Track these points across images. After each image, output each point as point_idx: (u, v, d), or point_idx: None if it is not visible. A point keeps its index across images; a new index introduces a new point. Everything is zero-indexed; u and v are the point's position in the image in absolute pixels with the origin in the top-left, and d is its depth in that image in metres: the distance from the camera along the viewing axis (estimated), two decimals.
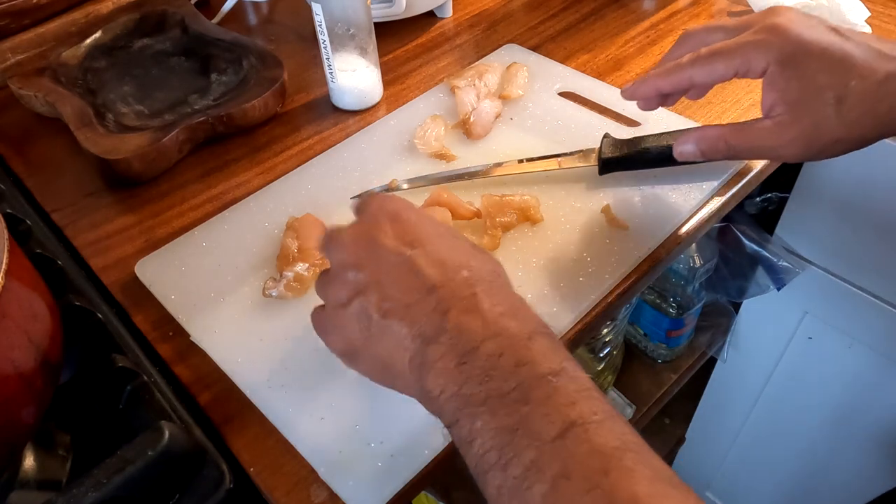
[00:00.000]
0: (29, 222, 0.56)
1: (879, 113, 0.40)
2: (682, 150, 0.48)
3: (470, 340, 0.31)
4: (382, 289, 0.34)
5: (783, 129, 0.42)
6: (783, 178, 0.78)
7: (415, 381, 0.33)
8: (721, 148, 0.46)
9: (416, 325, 0.33)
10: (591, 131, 0.60)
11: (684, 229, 0.53)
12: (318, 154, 0.61)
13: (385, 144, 0.61)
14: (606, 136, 0.56)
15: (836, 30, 0.42)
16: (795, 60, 0.40)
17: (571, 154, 0.57)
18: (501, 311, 0.32)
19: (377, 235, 0.35)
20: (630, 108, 0.63)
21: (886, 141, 0.67)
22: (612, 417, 0.29)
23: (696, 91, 0.49)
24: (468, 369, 0.30)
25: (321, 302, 0.38)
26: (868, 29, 0.69)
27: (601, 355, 0.91)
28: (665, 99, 0.50)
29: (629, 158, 0.54)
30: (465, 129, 0.61)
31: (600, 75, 0.68)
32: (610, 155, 0.55)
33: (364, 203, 0.39)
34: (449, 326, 0.32)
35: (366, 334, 0.35)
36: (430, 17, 0.79)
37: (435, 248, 0.35)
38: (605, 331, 0.88)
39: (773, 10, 0.43)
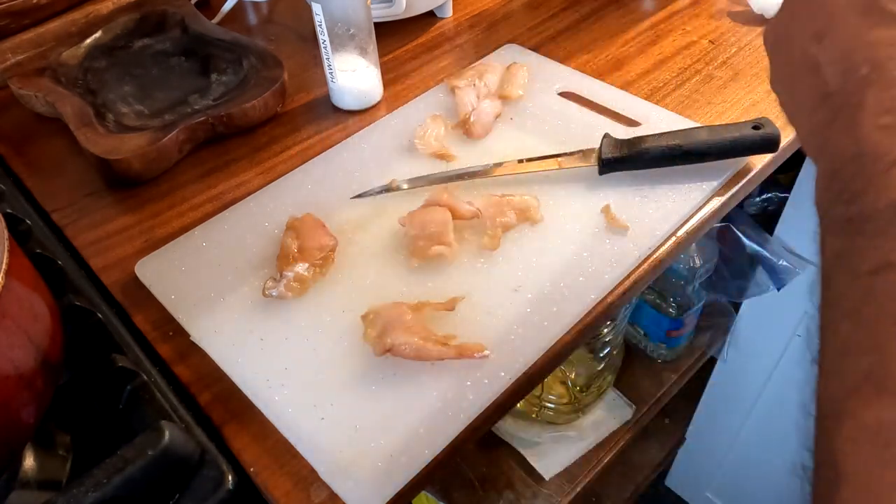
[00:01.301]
0: (29, 222, 0.56)
1: None
2: None
3: (840, 158, 0.29)
4: (784, 85, 0.34)
5: None
6: (783, 179, 0.78)
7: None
8: None
9: (804, 132, 0.32)
10: (591, 131, 0.60)
11: (684, 229, 0.53)
12: (319, 154, 0.61)
13: (385, 144, 0.61)
14: (606, 136, 0.56)
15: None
16: None
17: (571, 154, 0.57)
18: (886, 123, 0.28)
19: (791, 21, 0.34)
20: (630, 108, 0.63)
21: None
22: None
23: None
24: (830, 191, 0.30)
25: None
26: None
27: (601, 355, 0.91)
28: None
29: (629, 158, 0.54)
30: (465, 129, 0.61)
31: (600, 75, 0.68)
32: (610, 155, 0.55)
33: None
34: (828, 143, 0.30)
35: (789, 114, 0.35)
36: (430, 17, 0.79)
37: (845, 36, 0.31)
38: (605, 331, 0.88)
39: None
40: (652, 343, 1.02)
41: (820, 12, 0.32)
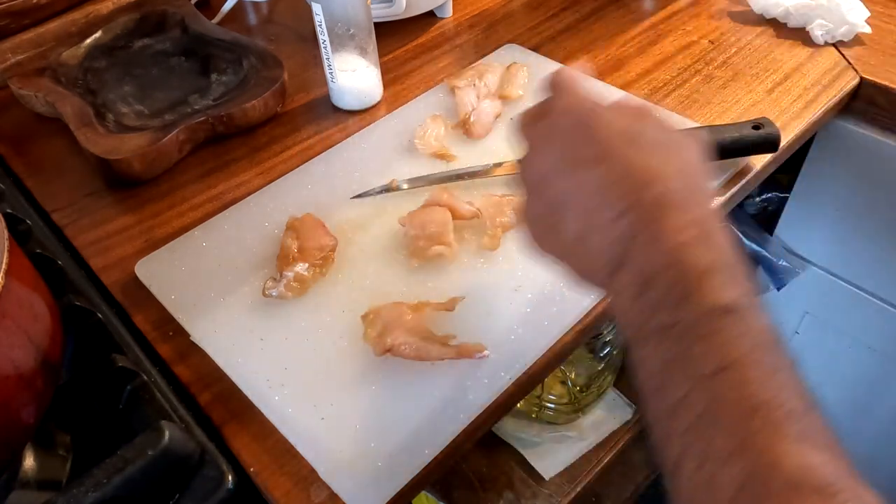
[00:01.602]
0: (29, 222, 0.56)
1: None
2: None
3: (650, 269, 0.31)
4: (571, 211, 0.34)
5: None
6: (783, 179, 0.78)
7: (606, 295, 0.34)
8: None
9: (605, 250, 0.32)
10: None
11: None
12: (318, 154, 0.61)
13: (385, 144, 0.61)
14: None
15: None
16: None
17: None
18: (684, 241, 0.31)
19: (566, 149, 0.34)
20: None
21: (886, 140, 0.67)
22: (773, 369, 0.28)
23: None
24: (644, 300, 0.30)
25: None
26: (868, 29, 0.69)
27: (601, 355, 0.91)
28: None
29: None
30: (465, 129, 0.61)
31: (600, 75, 0.68)
32: None
33: (554, 95, 0.38)
34: (634, 254, 0.31)
35: (561, 248, 0.35)
36: (430, 17, 0.79)
37: (624, 159, 0.33)
38: (605, 331, 0.88)
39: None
40: None
41: (593, 141, 0.34)
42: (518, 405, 0.92)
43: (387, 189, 0.56)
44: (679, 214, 0.31)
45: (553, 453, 0.94)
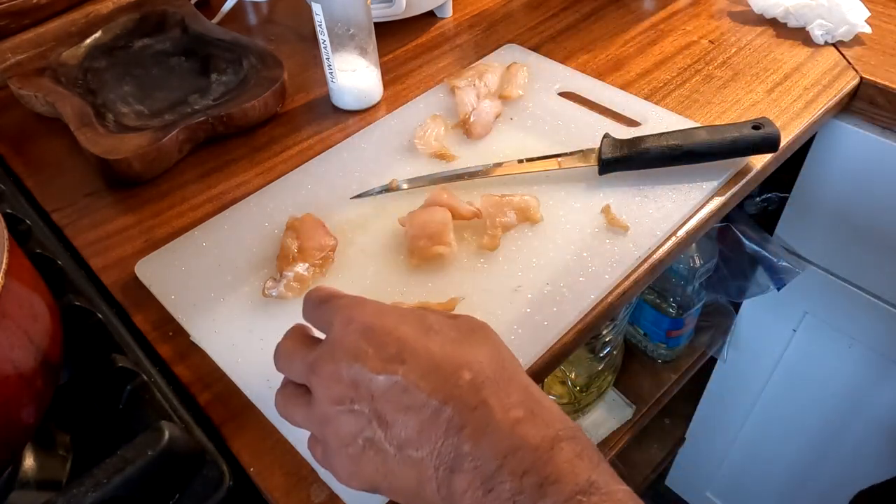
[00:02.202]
0: (29, 222, 0.56)
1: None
2: None
3: (491, 461, 0.29)
4: (387, 418, 0.31)
5: None
6: (783, 178, 0.78)
7: None
8: None
9: (434, 452, 0.30)
10: (591, 131, 0.60)
11: (684, 229, 0.53)
12: (318, 154, 0.61)
13: (385, 144, 0.61)
14: (606, 136, 0.56)
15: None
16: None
17: (571, 154, 0.57)
18: (517, 418, 0.29)
19: (359, 360, 0.32)
20: (630, 108, 0.63)
21: (886, 140, 0.68)
22: None
23: None
24: (495, 496, 0.28)
25: (306, 320, 0.37)
26: (868, 29, 0.69)
27: (601, 355, 0.91)
28: None
29: (629, 158, 0.55)
30: (465, 129, 0.61)
31: (600, 75, 0.68)
32: (610, 155, 0.55)
33: (321, 317, 0.35)
34: (467, 449, 0.29)
35: (384, 469, 0.32)
36: (430, 17, 0.79)
37: (425, 353, 0.31)
38: (605, 331, 0.88)
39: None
40: (652, 343, 1.02)
41: (390, 340, 0.32)
42: None
43: (387, 189, 0.56)
44: (501, 395, 0.30)
45: None
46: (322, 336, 0.35)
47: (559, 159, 0.57)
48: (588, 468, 0.29)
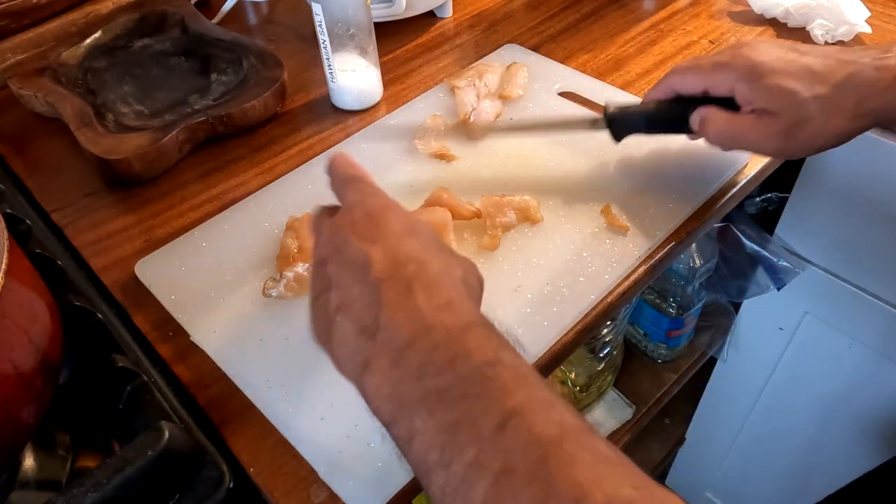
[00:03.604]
0: (29, 222, 0.56)
1: (845, 109, 0.46)
2: (693, 117, 0.51)
3: (402, 336, 0.31)
4: (340, 284, 0.34)
5: (765, 125, 0.47)
6: (783, 178, 0.78)
7: (356, 378, 0.33)
8: (712, 130, 0.50)
9: (357, 320, 0.32)
10: (592, 131, 0.60)
11: (685, 229, 0.53)
12: (318, 154, 0.61)
13: (385, 144, 0.61)
14: (607, 104, 0.55)
15: (796, 48, 0.48)
16: (759, 75, 0.46)
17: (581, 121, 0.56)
18: (437, 304, 0.32)
19: (347, 231, 0.35)
20: None
21: (886, 140, 0.67)
22: (549, 403, 0.28)
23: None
24: (403, 367, 0.30)
25: (329, 186, 0.40)
26: (868, 29, 0.69)
27: (601, 355, 0.91)
28: None
29: (638, 113, 0.54)
30: (466, 129, 0.61)
31: (600, 75, 0.68)
32: (616, 110, 0.54)
33: (344, 191, 0.38)
34: (384, 321, 0.31)
35: (329, 331, 0.34)
36: (430, 17, 0.79)
37: (395, 242, 0.34)
38: (605, 331, 0.88)
39: (742, 41, 0.48)
40: (652, 343, 1.02)
41: (379, 226, 0.35)
42: None
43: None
44: (432, 289, 0.32)
45: None
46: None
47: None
48: (496, 347, 0.31)
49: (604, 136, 0.60)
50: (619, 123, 0.54)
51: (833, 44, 0.70)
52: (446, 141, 0.61)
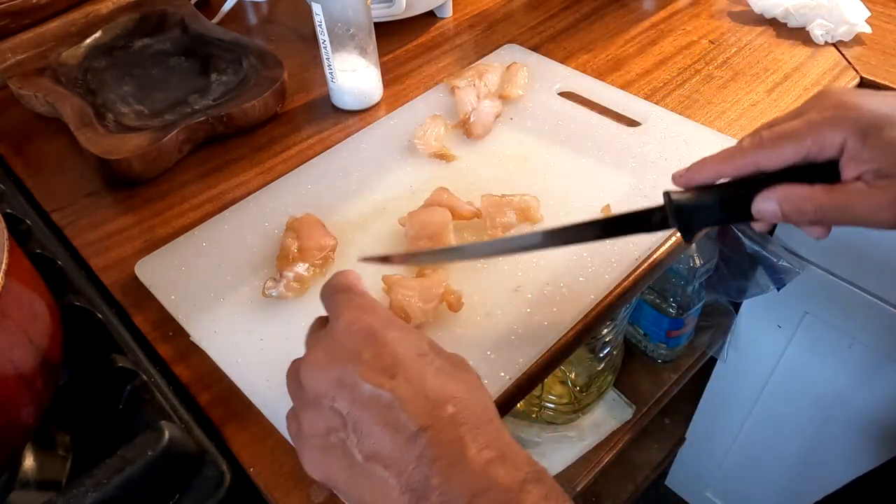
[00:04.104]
0: (29, 222, 0.56)
1: None
2: (761, 207, 0.40)
3: (460, 499, 0.29)
4: (363, 427, 0.31)
5: (880, 193, 0.38)
6: None
7: None
8: (807, 210, 0.40)
9: (403, 474, 0.30)
10: (591, 131, 0.60)
11: None
12: (318, 154, 0.61)
13: (385, 144, 0.61)
14: (669, 192, 0.42)
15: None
16: (878, 129, 0.38)
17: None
18: (489, 458, 0.30)
19: (352, 362, 0.32)
20: (630, 108, 0.63)
21: None
22: None
23: (817, 227, 0.43)
24: None
25: (320, 303, 0.38)
26: (868, 29, 0.69)
27: (601, 355, 0.91)
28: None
29: (713, 202, 0.41)
30: (465, 128, 0.61)
31: (600, 75, 0.68)
32: (684, 200, 0.41)
33: (333, 310, 0.35)
34: (438, 482, 0.29)
35: (348, 472, 0.32)
36: (430, 17, 0.79)
37: (417, 375, 0.32)
38: (605, 331, 0.88)
39: (827, 91, 0.41)
40: (652, 343, 1.02)
41: (387, 352, 0.32)
42: (518, 405, 0.92)
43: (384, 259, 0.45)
44: (477, 434, 0.31)
45: (553, 453, 0.94)
46: None
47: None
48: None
49: (604, 135, 0.60)
50: (690, 215, 0.41)
51: (833, 44, 0.70)
52: (446, 141, 0.61)
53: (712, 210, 0.41)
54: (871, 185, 0.38)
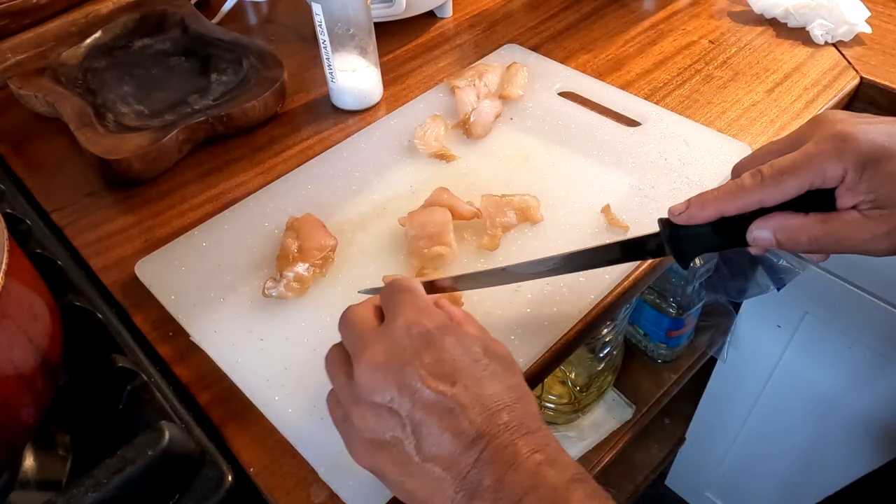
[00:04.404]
0: (29, 222, 0.56)
1: None
2: (756, 235, 0.41)
3: (513, 496, 0.31)
4: (423, 430, 0.33)
5: (875, 223, 0.38)
6: None
7: None
8: (802, 240, 0.40)
9: (459, 475, 0.32)
10: (591, 131, 0.60)
11: None
12: (318, 154, 0.61)
13: (385, 144, 0.61)
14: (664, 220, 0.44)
15: (892, 121, 0.40)
16: (875, 161, 0.38)
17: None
18: (539, 461, 0.32)
19: (412, 365, 0.33)
20: (630, 108, 0.63)
21: None
22: None
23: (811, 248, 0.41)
24: None
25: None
26: (868, 29, 0.69)
27: (601, 355, 0.91)
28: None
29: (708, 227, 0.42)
30: (465, 129, 0.61)
31: (600, 75, 0.68)
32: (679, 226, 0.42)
33: (392, 309, 0.36)
34: (491, 482, 0.31)
35: (401, 469, 0.33)
36: (430, 17, 0.79)
37: (474, 382, 0.34)
38: (605, 331, 0.88)
39: (823, 119, 0.40)
40: (652, 343, 1.02)
41: (447, 357, 0.34)
42: None
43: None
44: (529, 439, 0.33)
45: None
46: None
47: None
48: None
49: (604, 135, 0.60)
50: (685, 242, 0.42)
51: (833, 44, 0.70)
52: (446, 141, 0.61)
53: (708, 238, 0.42)
54: (866, 216, 0.38)
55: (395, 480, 0.34)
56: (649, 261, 0.51)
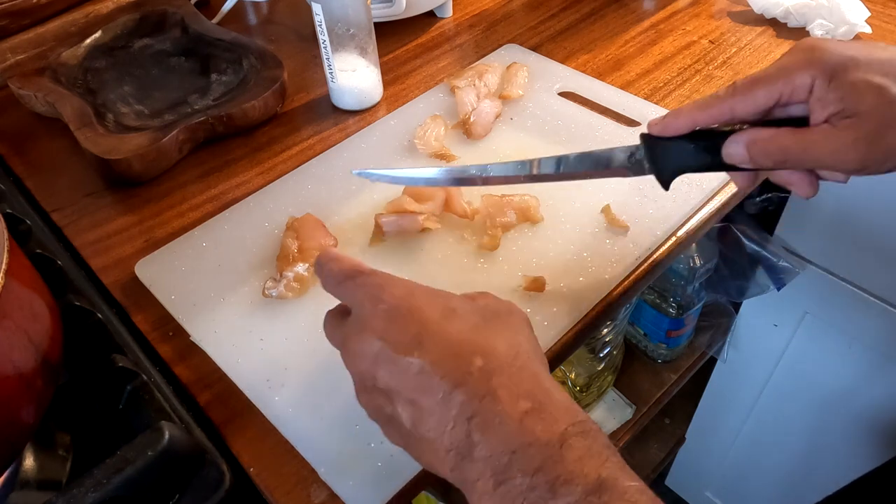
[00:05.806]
0: (29, 222, 0.56)
1: None
2: (730, 151, 0.41)
3: (502, 455, 0.29)
4: (403, 397, 0.32)
5: (844, 132, 0.38)
6: None
7: (461, 488, 0.32)
8: (773, 150, 0.40)
9: (444, 434, 0.31)
10: (592, 131, 0.60)
11: (684, 229, 0.53)
12: (318, 154, 0.61)
13: (385, 144, 0.61)
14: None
15: (875, 44, 0.40)
16: (844, 69, 0.38)
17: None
18: (525, 410, 0.30)
19: (381, 340, 0.33)
20: (630, 108, 0.63)
21: None
22: None
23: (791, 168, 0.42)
24: (506, 491, 0.29)
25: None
26: (868, 29, 0.69)
27: (601, 355, 0.91)
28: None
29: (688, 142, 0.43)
30: (465, 129, 0.61)
31: (600, 75, 0.68)
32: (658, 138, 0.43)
33: (349, 295, 0.36)
34: (477, 438, 0.30)
35: (406, 440, 0.34)
36: (430, 17, 0.79)
37: (442, 337, 0.33)
38: (605, 331, 0.88)
39: (801, 40, 0.41)
40: (652, 343, 1.02)
41: (412, 321, 0.33)
42: None
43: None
44: (511, 384, 0.31)
45: None
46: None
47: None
48: (598, 465, 0.29)
49: (604, 135, 0.60)
50: (665, 155, 0.43)
51: None
52: (446, 141, 0.61)
53: (685, 153, 0.42)
54: (834, 125, 0.38)
55: (411, 454, 0.34)
56: (649, 261, 0.51)
